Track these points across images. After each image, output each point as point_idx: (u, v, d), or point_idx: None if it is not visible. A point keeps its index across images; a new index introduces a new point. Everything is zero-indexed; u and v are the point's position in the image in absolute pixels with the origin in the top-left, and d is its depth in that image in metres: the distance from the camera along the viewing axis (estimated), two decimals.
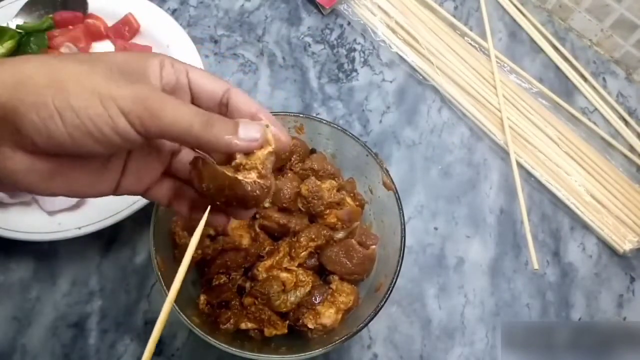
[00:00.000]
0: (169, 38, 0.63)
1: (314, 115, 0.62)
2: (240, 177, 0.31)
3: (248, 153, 0.32)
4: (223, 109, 0.34)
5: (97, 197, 0.34)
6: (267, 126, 0.33)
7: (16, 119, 0.27)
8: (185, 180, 0.37)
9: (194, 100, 0.34)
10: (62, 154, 0.29)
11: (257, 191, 0.32)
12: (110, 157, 0.33)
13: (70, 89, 0.27)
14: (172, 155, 0.37)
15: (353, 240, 0.48)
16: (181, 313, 0.42)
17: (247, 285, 0.47)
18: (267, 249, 0.48)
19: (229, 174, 0.31)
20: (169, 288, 0.42)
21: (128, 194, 0.35)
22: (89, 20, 0.64)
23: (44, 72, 0.27)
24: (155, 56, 0.33)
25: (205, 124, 0.29)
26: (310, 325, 0.45)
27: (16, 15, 0.63)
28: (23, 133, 0.27)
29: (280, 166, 0.51)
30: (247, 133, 0.31)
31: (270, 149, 0.32)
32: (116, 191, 0.34)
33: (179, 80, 0.33)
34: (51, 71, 0.28)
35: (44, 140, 0.27)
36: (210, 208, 0.34)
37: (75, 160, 0.31)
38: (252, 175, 0.32)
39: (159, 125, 0.28)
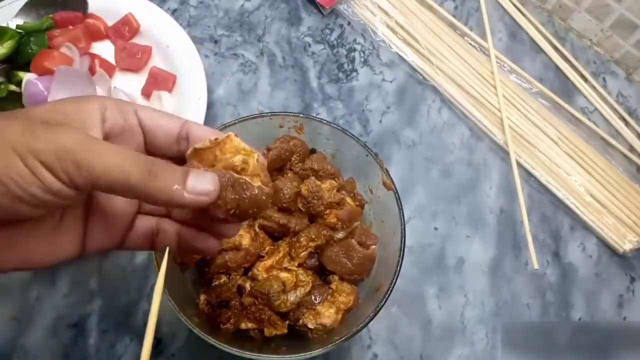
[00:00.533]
0: (168, 38, 0.63)
1: (314, 115, 0.62)
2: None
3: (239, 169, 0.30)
4: (183, 143, 0.31)
5: (61, 263, 0.30)
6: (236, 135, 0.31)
7: None
8: (163, 215, 0.33)
9: (149, 139, 0.31)
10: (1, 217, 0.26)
11: (263, 196, 0.31)
12: (63, 215, 0.29)
13: None
14: None
15: (353, 240, 0.48)
16: (181, 313, 0.42)
17: (247, 285, 0.47)
18: (267, 249, 0.48)
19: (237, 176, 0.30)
20: (168, 288, 0.42)
21: (101, 252, 0.32)
22: (89, 20, 0.64)
23: None
24: (96, 99, 0.29)
25: (146, 173, 0.26)
26: (310, 325, 0.45)
27: (16, 15, 0.63)
28: None
29: (280, 166, 0.51)
30: (197, 184, 0.27)
31: (256, 156, 0.31)
32: (84, 252, 0.30)
33: (127, 121, 0.30)
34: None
35: None
36: (201, 228, 0.32)
37: (18, 229, 0.27)
38: (257, 182, 0.30)
39: (90, 177, 0.25)
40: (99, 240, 0.31)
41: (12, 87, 0.58)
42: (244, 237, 0.47)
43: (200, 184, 0.27)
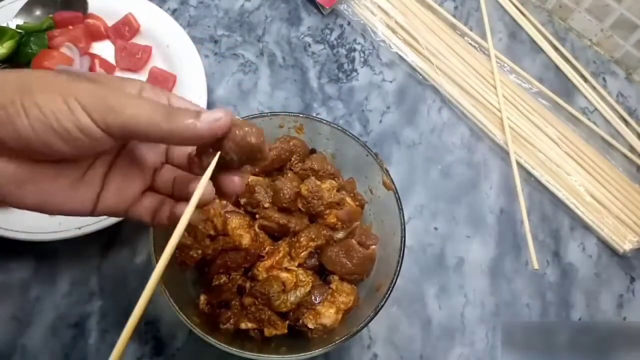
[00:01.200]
0: (169, 38, 0.63)
1: (314, 115, 0.62)
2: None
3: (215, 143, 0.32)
4: None
5: (72, 214, 0.33)
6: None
7: None
8: (168, 195, 0.37)
9: None
10: (31, 153, 0.29)
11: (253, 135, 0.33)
12: (87, 169, 0.33)
13: (35, 89, 0.28)
14: (154, 171, 0.37)
15: (353, 240, 0.48)
16: (181, 313, 0.42)
17: (247, 285, 0.47)
18: (267, 249, 0.48)
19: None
20: (168, 288, 0.42)
21: (108, 214, 0.35)
22: (89, 20, 0.64)
23: (15, 78, 0.29)
24: (137, 81, 0.34)
25: (167, 114, 0.30)
26: (310, 325, 0.45)
27: (16, 15, 0.63)
28: None
29: (280, 166, 0.51)
30: (209, 116, 0.31)
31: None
32: (95, 209, 0.34)
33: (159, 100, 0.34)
34: (21, 77, 0.29)
35: (10, 135, 0.28)
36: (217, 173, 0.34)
37: (48, 168, 0.31)
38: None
39: (120, 120, 0.29)
40: (110, 202, 0.34)
41: None
42: (244, 237, 0.47)
43: (211, 114, 0.31)
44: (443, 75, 0.69)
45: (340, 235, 0.49)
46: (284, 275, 0.46)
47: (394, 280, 0.45)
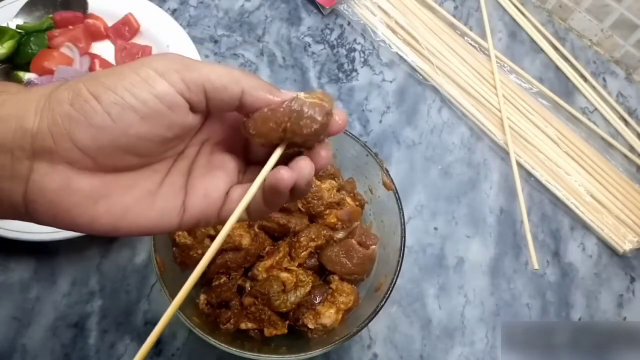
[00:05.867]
0: (169, 38, 0.63)
1: None
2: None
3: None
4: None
5: (155, 231, 0.30)
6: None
7: (52, 124, 0.26)
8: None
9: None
10: (106, 156, 0.27)
11: (320, 117, 0.29)
12: (166, 175, 0.30)
13: (100, 75, 0.27)
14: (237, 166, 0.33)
15: (353, 240, 0.48)
16: (181, 313, 0.42)
17: (247, 285, 0.47)
18: (267, 249, 0.48)
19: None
20: (168, 288, 0.42)
21: (198, 222, 0.31)
22: (89, 20, 0.64)
23: (75, 79, 0.27)
24: None
25: (243, 71, 0.29)
26: (310, 325, 0.45)
27: (16, 15, 0.63)
28: (60, 131, 0.26)
29: None
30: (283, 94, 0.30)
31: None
32: (182, 221, 0.30)
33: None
34: (81, 77, 0.27)
35: (84, 133, 0.26)
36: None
37: (121, 178, 0.28)
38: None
39: (197, 75, 0.27)
40: (198, 208, 0.30)
41: None
42: (244, 237, 0.47)
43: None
44: (443, 75, 0.69)
45: (340, 235, 0.49)
46: (284, 275, 0.46)
47: (394, 280, 0.45)
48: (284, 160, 0.30)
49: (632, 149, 0.68)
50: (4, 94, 0.27)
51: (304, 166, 0.30)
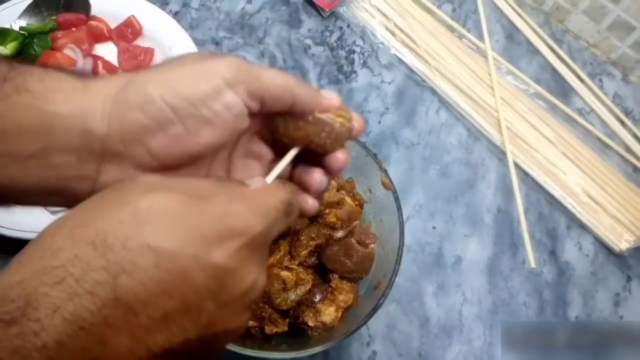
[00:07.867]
0: (171, 40, 0.64)
1: None
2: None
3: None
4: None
5: None
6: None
7: (123, 131, 0.26)
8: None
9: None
10: (179, 153, 0.28)
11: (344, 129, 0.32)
12: (210, 166, 0.31)
13: (167, 75, 0.27)
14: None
15: (352, 239, 0.49)
16: None
17: None
18: None
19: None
20: None
21: None
22: (92, 22, 0.64)
23: (149, 72, 0.28)
24: None
25: (295, 79, 0.30)
26: (310, 323, 0.46)
27: (19, 17, 0.63)
28: (131, 138, 0.26)
29: None
30: (324, 91, 0.32)
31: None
32: None
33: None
34: (156, 71, 0.28)
35: (156, 139, 0.27)
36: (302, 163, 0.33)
37: (179, 173, 0.29)
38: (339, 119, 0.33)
39: (259, 89, 0.28)
40: None
41: None
42: None
43: (327, 92, 0.32)
44: (441, 77, 0.69)
45: (339, 234, 0.50)
46: (284, 273, 0.47)
47: (393, 279, 0.45)
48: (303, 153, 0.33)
49: (628, 149, 0.69)
50: (59, 93, 0.26)
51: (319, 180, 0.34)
